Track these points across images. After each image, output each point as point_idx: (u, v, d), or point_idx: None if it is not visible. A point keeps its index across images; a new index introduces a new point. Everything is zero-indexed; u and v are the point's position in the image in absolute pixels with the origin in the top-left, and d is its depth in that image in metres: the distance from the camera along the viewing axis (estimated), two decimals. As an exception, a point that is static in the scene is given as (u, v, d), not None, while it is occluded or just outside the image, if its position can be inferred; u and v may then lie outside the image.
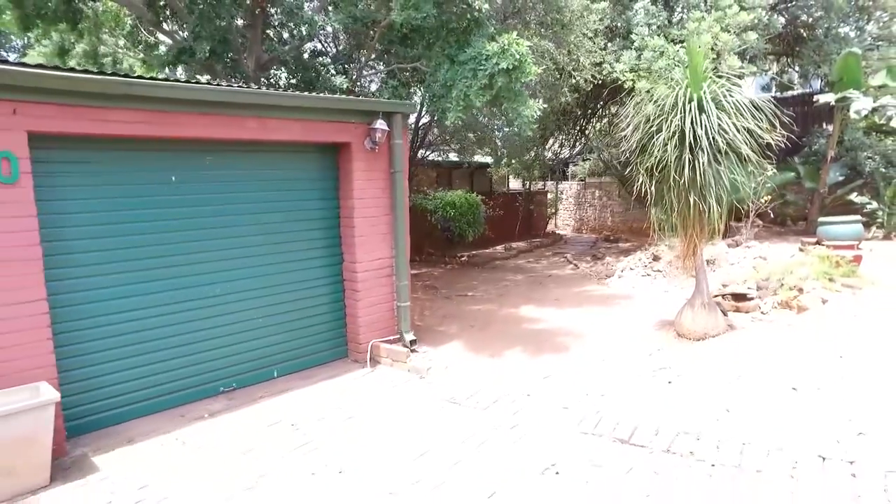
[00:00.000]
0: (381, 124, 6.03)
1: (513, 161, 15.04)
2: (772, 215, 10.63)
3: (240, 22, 8.90)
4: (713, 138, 6.01)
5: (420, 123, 12.29)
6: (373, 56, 9.43)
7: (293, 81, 9.22)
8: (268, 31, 9.42)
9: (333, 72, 8.87)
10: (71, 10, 7.68)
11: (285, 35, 9.64)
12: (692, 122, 6.03)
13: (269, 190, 5.81)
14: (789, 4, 11.92)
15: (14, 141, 4.07)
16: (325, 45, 9.40)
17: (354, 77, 8.91)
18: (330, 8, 8.79)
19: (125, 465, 4.28)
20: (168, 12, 9.19)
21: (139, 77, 4.82)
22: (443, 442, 4.44)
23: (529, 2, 9.78)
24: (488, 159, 16.93)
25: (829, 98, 11.12)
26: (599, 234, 19.92)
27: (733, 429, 4.34)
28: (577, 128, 18.08)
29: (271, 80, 9.46)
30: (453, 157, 16.69)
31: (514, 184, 21.79)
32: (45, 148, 4.32)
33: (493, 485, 3.78)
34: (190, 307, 5.32)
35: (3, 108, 4.02)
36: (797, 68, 14.74)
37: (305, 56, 9.89)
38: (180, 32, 9.52)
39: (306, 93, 6.86)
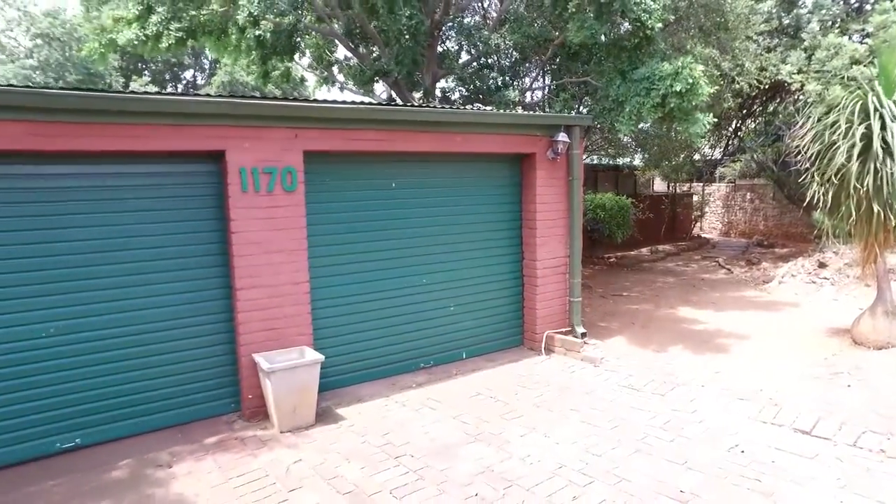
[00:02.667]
0: (562, 136, 6.72)
1: (663, 163, 15.04)
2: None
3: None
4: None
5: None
6: (539, 70, 10.15)
7: (465, 94, 10.20)
8: (439, 49, 10.50)
9: (501, 84, 9.69)
10: (291, 44, 9.27)
11: (457, 49, 10.68)
12: (881, 130, 6.02)
13: (464, 195, 6.74)
14: None
15: (294, 158, 5.31)
16: (493, 59, 10.25)
17: (522, 90, 9.68)
18: (504, 27, 9.63)
19: (363, 417, 5.35)
20: (359, 38, 10.57)
21: (379, 104, 5.92)
22: (629, 419, 5.04)
23: (690, 9, 9.93)
24: (636, 161, 16.98)
25: None
26: (751, 238, 19.07)
27: (924, 431, 4.47)
28: (731, 129, 17.50)
29: (447, 94, 10.54)
30: (595, 158, 16.96)
31: (659, 186, 21.48)
32: (311, 162, 5.52)
33: (684, 455, 4.33)
34: (403, 293, 6.37)
35: (289, 133, 5.26)
36: None
37: (471, 70, 10.86)
38: (356, 47, 10.89)
39: (499, 110, 7.75)
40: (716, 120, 8.21)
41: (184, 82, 28.84)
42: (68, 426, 4.72)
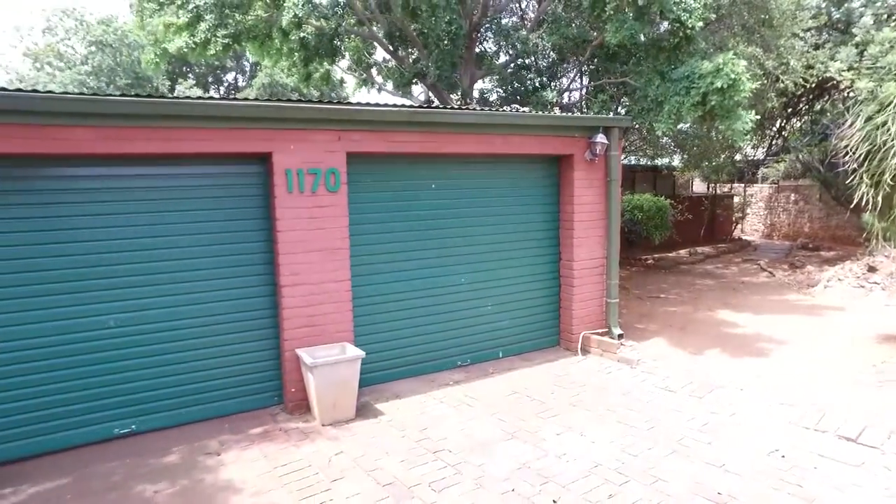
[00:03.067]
0: (601, 138, 6.72)
1: (703, 164, 14.77)
2: None
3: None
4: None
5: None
6: (577, 70, 10.14)
7: (503, 95, 10.26)
8: (476, 50, 10.58)
9: (539, 85, 9.71)
10: (333, 47, 9.50)
11: (494, 50, 10.75)
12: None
13: (503, 195, 6.81)
14: None
15: (338, 160, 5.47)
16: (531, 60, 10.28)
17: (560, 90, 9.69)
18: (541, 28, 9.66)
19: (401, 412, 5.48)
20: (398, 40, 10.74)
21: (420, 107, 6.04)
22: (666, 420, 5.03)
23: (734, 6, 9.74)
24: (674, 162, 16.72)
25: None
26: (795, 241, 18.52)
27: (976, 440, 4.35)
28: (775, 128, 17.05)
29: (485, 95, 10.61)
30: (633, 159, 16.76)
31: (698, 187, 21.08)
32: (353, 163, 5.67)
33: (722, 457, 4.32)
34: (441, 292, 6.48)
35: (332, 136, 5.43)
36: None
37: (509, 70, 10.89)
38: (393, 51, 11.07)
39: (533, 111, 7.79)
40: (758, 118, 8.03)
41: (225, 84, 29.66)
42: (125, 413, 5.00)
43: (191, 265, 5.16)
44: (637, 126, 8.94)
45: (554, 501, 3.80)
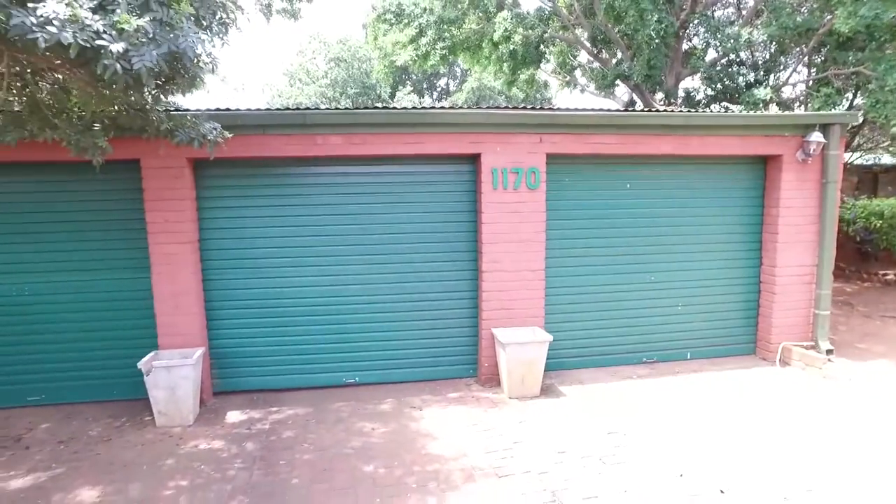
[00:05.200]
0: (816, 136, 6.27)
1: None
2: None
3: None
4: None
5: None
6: (797, 63, 9.33)
7: (711, 94, 9.86)
8: (683, 48, 10.27)
9: (753, 81, 9.15)
10: (538, 54, 10.09)
11: (703, 46, 10.33)
12: None
13: (700, 196, 6.72)
14: None
15: (538, 160, 6.00)
16: (746, 54, 9.70)
17: (777, 86, 9.02)
18: (759, 19, 9.10)
19: (582, 397, 5.83)
20: (602, 43, 10.93)
21: (617, 110, 6.32)
22: (870, 448, 4.66)
23: None
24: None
25: None
26: None
27: None
28: None
29: (690, 95, 10.30)
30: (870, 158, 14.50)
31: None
32: (552, 163, 6.16)
33: (936, 487, 3.94)
34: (630, 288, 6.67)
35: (534, 138, 5.98)
36: None
37: (718, 67, 10.38)
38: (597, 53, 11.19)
39: (739, 111, 7.47)
40: None
41: (438, 90, 32.13)
42: (351, 367, 6.17)
43: (409, 249, 6.13)
44: (874, 121, 7.94)
45: (721, 491, 3.89)
